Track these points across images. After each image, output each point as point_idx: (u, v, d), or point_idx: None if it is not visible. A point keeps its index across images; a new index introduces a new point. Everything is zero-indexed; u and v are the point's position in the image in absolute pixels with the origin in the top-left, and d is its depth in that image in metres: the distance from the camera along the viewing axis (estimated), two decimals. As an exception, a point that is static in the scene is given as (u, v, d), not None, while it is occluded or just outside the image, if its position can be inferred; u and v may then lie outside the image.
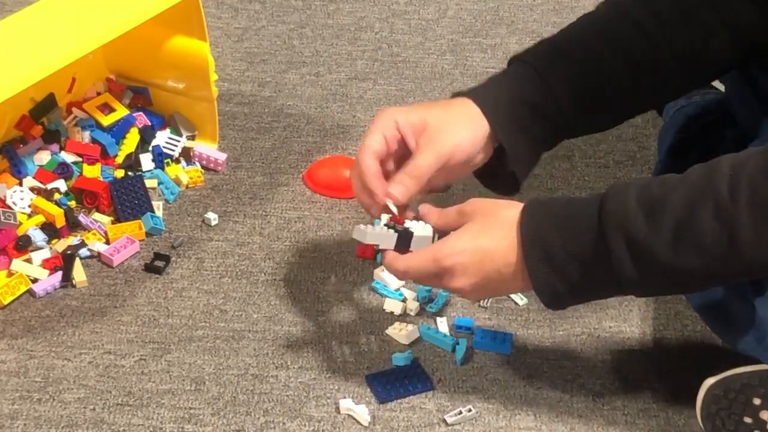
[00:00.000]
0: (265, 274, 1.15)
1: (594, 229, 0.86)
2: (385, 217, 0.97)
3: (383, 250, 0.96)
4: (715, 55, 1.01)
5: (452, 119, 0.97)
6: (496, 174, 1.01)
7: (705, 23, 0.99)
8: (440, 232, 0.95)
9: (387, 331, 1.08)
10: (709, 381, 0.94)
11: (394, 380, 1.02)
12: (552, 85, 0.98)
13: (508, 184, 1.02)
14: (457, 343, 1.06)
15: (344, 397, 1.01)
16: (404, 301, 1.11)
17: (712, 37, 0.99)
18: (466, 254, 0.90)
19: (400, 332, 1.07)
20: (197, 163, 1.29)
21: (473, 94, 0.99)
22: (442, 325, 1.08)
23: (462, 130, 0.97)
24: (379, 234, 0.95)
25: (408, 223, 0.96)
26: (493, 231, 0.90)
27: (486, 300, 1.11)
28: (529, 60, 1.00)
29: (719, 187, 0.83)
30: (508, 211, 0.91)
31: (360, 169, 0.97)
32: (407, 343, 1.07)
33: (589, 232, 0.86)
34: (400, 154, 0.98)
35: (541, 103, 0.98)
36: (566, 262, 0.87)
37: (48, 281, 1.12)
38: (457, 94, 1.01)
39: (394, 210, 0.96)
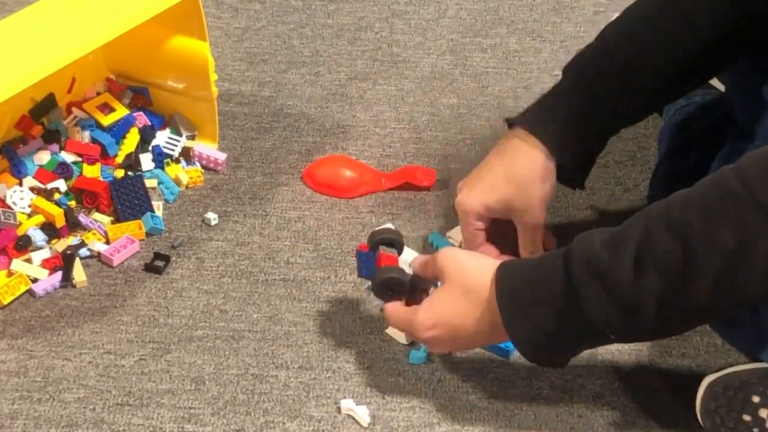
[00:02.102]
0: (265, 274, 1.15)
1: (561, 274, 0.87)
2: None
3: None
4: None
5: (527, 188, 1.04)
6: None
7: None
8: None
9: (387, 331, 1.08)
10: (709, 378, 0.94)
11: None
12: (609, 102, 1.04)
13: (574, 181, 1.11)
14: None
15: (344, 397, 1.01)
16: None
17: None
18: (438, 330, 0.94)
19: (400, 332, 1.07)
20: (197, 163, 1.29)
21: (533, 127, 1.05)
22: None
23: (538, 191, 1.05)
24: None
25: None
26: (466, 306, 0.92)
27: None
28: (582, 77, 1.05)
29: (672, 208, 0.83)
30: (483, 279, 0.92)
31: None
32: (407, 343, 1.07)
33: (557, 277, 0.87)
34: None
35: (597, 123, 1.05)
36: (538, 310, 0.88)
37: (48, 281, 1.12)
38: (513, 123, 1.07)
39: None
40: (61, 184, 1.21)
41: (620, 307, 0.84)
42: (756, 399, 0.92)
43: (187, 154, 1.29)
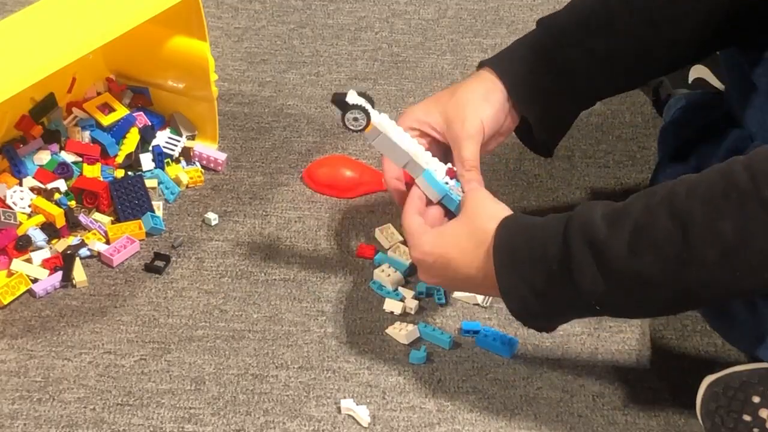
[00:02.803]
0: (265, 274, 1.15)
1: (559, 237, 0.87)
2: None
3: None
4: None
5: (468, 103, 1.02)
6: (531, 136, 1.06)
7: None
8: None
9: (387, 331, 1.08)
10: (709, 378, 0.94)
11: None
12: (574, 57, 1.02)
13: (542, 147, 1.08)
14: (456, 342, 1.06)
15: (344, 397, 1.01)
16: (403, 300, 1.11)
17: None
18: (432, 257, 0.95)
19: (400, 332, 1.07)
20: (197, 163, 1.29)
21: (494, 65, 1.04)
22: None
23: (482, 111, 1.01)
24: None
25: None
26: (466, 244, 0.93)
27: (486, 299, 1.11)
28: (551, 30, 1.04)
29: (677, 192, 0.83)
30: (487, 224, 0.92)
31: (390, 188, 1.05)
32: (407, 343, 1.07)
33: (554, 239, 0.87)
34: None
35: (562, 77, 1.03)
36: (531, 268, 0.89)
37: (48, 281, 1.12)
38: (481, 64, 1.06)
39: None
40: (61, 184, 1.21)
41: (609, 280, 0.85)
42: (756, 399, 0.92)
43: (187, 154, 1.29)
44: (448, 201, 1.00)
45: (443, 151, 1.05)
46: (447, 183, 1.00)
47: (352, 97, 0.99)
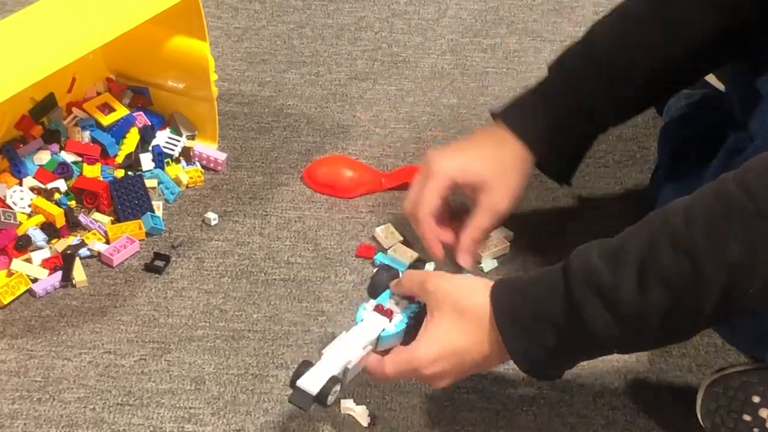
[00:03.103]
0: (265, 274, 1.15)
1: (561, 291, 0.85)
2: (371, 304, 0.96)
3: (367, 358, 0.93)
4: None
5: (505, 173, 1.05)
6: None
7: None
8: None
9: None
10: (709, 378, 0.94)
11: None
12: (593, 103, 1.04)
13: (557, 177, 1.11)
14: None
15: (344, 397, 1.01)
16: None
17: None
18: (442, 361, 0.89)
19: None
20: (197, 163, 1.29)
21: (513, 124, 1.06)
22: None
23: (514, 182, 1.05)
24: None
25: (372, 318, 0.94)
26: (464, 327, 0.89)
27: None
28: (567, 77, 1.05)
29: (674, 222, 0.81)
30: (475, 299, 0.89)
31: (422, 232, 1.07)
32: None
33: (557, 294, 0.85)
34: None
35: (581, 123, 1.05)
36: (539, 328, 0.86)
37: (48, 281, 1.12)
38: (495, 116, 1.08)
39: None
40: (61, 184, 1.21)
41: (624, 323, 0.82)
42: (756, 399, 0.92)
43: (187, 154, 1.29)
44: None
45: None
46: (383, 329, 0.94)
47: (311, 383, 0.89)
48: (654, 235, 0.82)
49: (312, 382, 0.88)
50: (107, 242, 1.17)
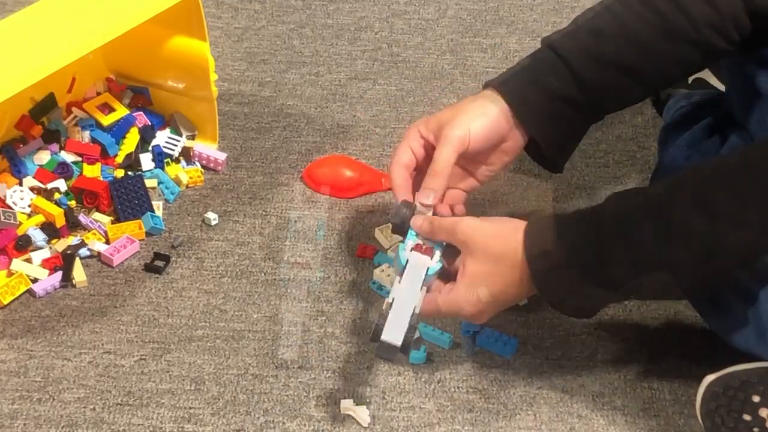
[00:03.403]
0: (265, 274, 1.15)
1: (592, 237, 0.91)
2: (409, 244, 1.00)
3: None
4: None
5: (462, 112, 1.03)
6: (540, 152, 1.08)
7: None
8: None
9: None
10: (709, 378, 0.94)
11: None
12: (584, 77, 1.02)
13: (551, 164, 1.09)
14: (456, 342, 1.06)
15: (344, 397, 1.01)
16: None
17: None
18: (484, 304, 0.96)
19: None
20: (197, 163, 1.29)
21: (502, 86, 1.04)
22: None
23: (473, 120, 1.02)
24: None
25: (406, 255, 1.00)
26: (500, 271, 0.95)
27: None
28: (560, 49, 1.04)
29: (706, 179, 0.88)
30: (509, 244, 0.94)
31: (392, 183, 1.04)
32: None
33: (588, 239, 0.91)
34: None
35: (571, 96, 1.03)
36: (571, 273, 0.92)
37: (48, 281, 1.12)
38: (487, 84, 1.06)
39: (428, 212, 1.02)
40: (61, 184, 1.21)
41: (647, 273, 0.89)
42: (756, 399, 0.92)
43: (187, 154, 1.29)
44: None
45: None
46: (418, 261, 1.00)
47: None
48: (684, 195, 0.88)
49: (394, 333, 0.93)
50: (107, 242, 1.17)
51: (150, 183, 1.24)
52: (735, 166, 0.87)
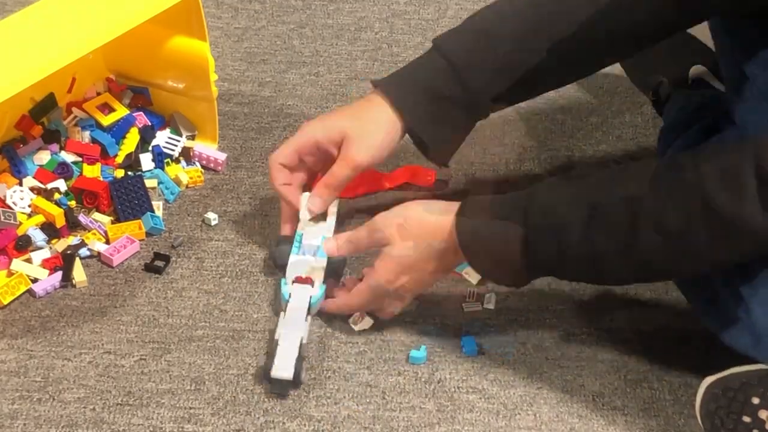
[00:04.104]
0: (265, 274, 1.15)
1: (520, 222, 0.95)
2: (290, 277, 1.08)
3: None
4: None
5: (368, 128, 1.07)
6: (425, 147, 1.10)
7: None
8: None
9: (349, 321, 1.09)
10: (709, 380, 0.94)
11: None
12: (468, 78, 1.04)
13: (438, 160, 1.13)
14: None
15: (344, 397, 1.01)
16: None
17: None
18: (404, 277, 1.02)
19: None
20: (197, 163, 1.29)
21: (391, 93, 1.07)
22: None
23: (378, 138, 1.07)
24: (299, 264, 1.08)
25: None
26: (422, 242, 1.00)
27: (492, 302, 1.11)
28: (447, 50, 1.06)
29: (635, 175, 0.93)
30: (439, 228, 1.00)
31: (272, 184, 1.11)
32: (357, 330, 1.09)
33: (515, 224, 0.95)
34: (324, 160, 1.10)
35: (456, 96, 1.05)
36: (499, 250, 0.97)
37: (48, 281, 1.12)
38: (374, 84, 1.09)
39: (306, 217, 1.10)
40: (61, 184, 1.22)
41: (569, 257, 0.94)
42: (756, 400, 0.92)
43: (187, 154, 1.29)
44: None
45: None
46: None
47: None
48: (613, 187, 0.93)
49: (283, 368, 0.98)
50: (107, 242, 1.17)
51: (150, 183, 1.24)
52: (664, 168, 0.91)
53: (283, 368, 0.98)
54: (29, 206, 1.18)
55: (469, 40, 1.06)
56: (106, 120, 1.28)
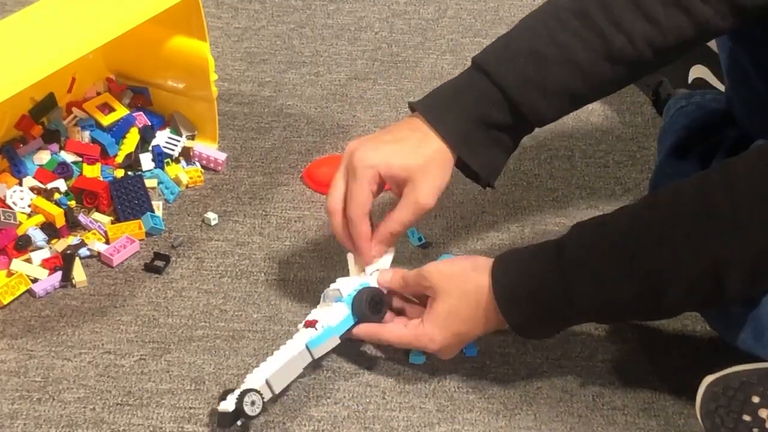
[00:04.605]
0: (265, 274, 1.15)
1: (555, 270, 0.93)
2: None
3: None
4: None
5: (431, 170, 1.01)
6: (473, 174, 1.05)
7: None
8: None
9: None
10: (709, 379, 0.94)
11: None
12: (521, 104, 0.99)
13: (485, 185, 1.07)
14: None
15: (344, 397, 1.01)
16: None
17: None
18: (446, 340, 0.99)
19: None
20: (197, 163, 1.29)
21: (437, 122, 1.01)
22: None
23: (441, 179, 1.02)
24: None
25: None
26: (464, 311, 0.98)
27: None
28: (496, 76, 0.99)
29: (662, 211, 0.90)
30: (473, 283, 0.97)
31: (355, 231, 1.03)
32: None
33: (551, 272, 0.93)
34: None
35: (506, 122, 1.01)
36: (537, 304, 0.94)
37: (48, 281, 1.12)
38: (413, 108, 1.03)
39: (355, 273, 1.06)
40: (61, 184, 1.22)
41: (609, 306, 0.92)
42: (756, 399, 0.92)
43: (187, 154, 1.29)
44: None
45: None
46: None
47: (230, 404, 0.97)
48: (642, 227, 0.90)
49: (229, 401, 0.96)
50: (107, 242, 1.17)
51: (150, 183, 1.24)
52: (692, 198, 0.88)
53: (228, 402, 0.96)
54: (29, 206, 1.18)
55: (519, 64, 0.99)
56: (106, 120, 1.28)
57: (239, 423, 0.96)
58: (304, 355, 1.00)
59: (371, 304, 1.01)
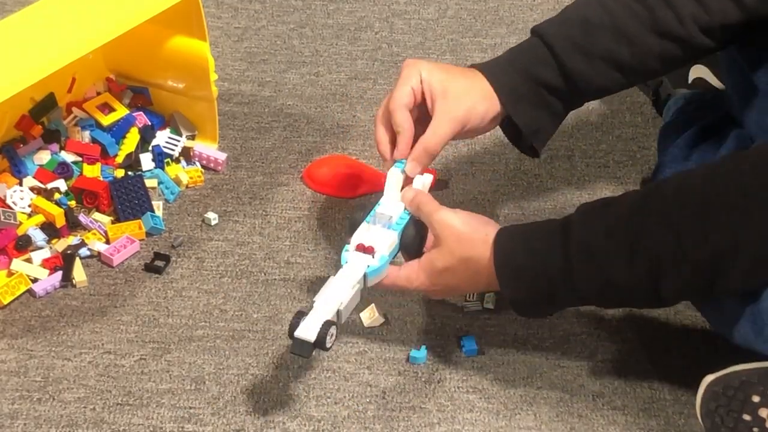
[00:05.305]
0: (265, 274, 1.15)
1: (559, 251, 0.93)
2: (353, 244, 1.01)
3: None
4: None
5: (472, 91, 1.03)
6: (518, 137, 1.08)
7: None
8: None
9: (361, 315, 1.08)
10: (709, 378, 0.94)
11: None
12: (569, 68, 1.02)
13: (529, 148, 1.09)
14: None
15: (344, 397, 1.01)
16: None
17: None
18: (436, 288, 1.00)
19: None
20: (197, 163, 1.29)
21: (489, 72, 1.04)
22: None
23: (478, 104, 1.03)
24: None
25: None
26: (460, 272, 0.98)
27: (492, 302, 1.11)
28: (547, 37, 1.04)
29: (671, 196, 0.90)
30: (477, 251, 0.97)
31: (397, 125, 1.03)
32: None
33: (555, 253, 0.93)
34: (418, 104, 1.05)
35: (555, 84, 1.03)
36: (535, 280, 0.95)
37: (48, 281, 1.12)
38: (473, 67, 1.06)
39: (392, 192, 1.04)
40: (61, 184, 1.22)
41: (611, 290, 0.92)
42: (756, 398, 0.92)
43: (187, 154, 1.29)
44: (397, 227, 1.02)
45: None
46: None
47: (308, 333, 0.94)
48: (651, 212, 0.90)
49: (309, 330, 0.92)
50: (107, 242, 1.17)
51: (150, 183, 1.24)
52: (699, 185, 0.89)
53: (307, 329, 0.93)
54: (29, 206, 1.18)
55: (569, 28, 1.03)
56: (106, 120, 1.28)
57: (312, 354, 0.94)
58: (362, 283, 0.98)
59: (422, 242, 1.01)
